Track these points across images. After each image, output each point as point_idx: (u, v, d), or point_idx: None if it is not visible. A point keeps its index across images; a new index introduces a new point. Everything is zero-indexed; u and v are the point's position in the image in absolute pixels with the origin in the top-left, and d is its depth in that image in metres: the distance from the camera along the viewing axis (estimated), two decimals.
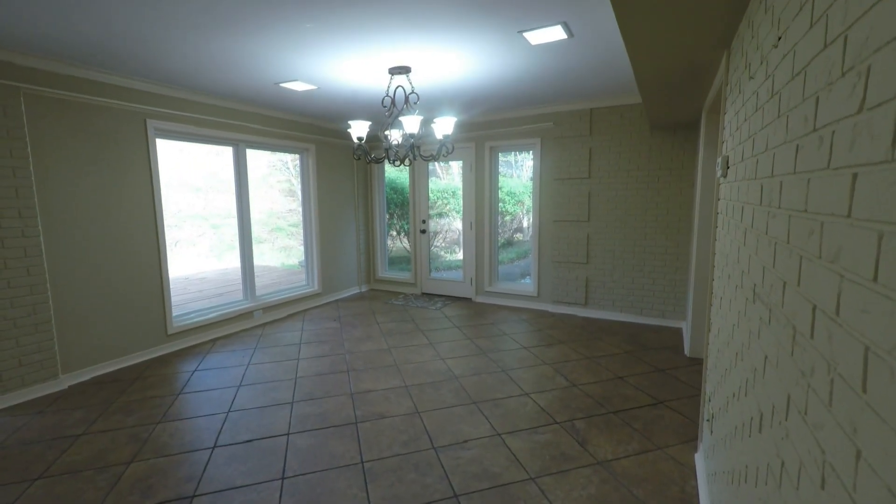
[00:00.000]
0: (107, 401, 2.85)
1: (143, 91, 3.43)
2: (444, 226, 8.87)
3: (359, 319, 4.70)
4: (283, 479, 2.07)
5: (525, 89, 3.84)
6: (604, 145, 4.42)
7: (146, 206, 3.56)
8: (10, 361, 2.79)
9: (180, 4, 2.12)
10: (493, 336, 4.10)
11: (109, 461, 2.21)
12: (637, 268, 4.39)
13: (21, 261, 2.83)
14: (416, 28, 2.43)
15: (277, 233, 10.84)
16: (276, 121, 4.64)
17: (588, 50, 2.83)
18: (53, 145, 2.98)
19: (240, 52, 2.78)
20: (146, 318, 3.59)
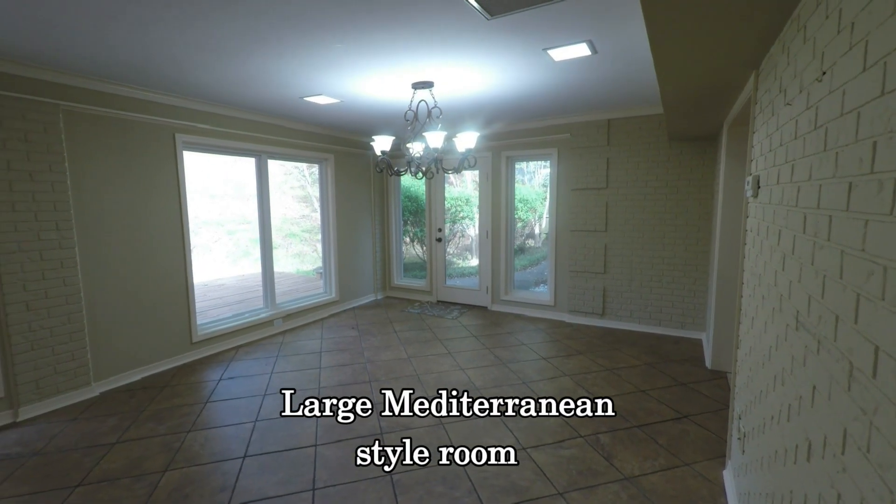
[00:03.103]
0: (138, 408, 2.93)
1: (172, 106, 3.53)
2: (458, 232, 8.92)
3: (376, 328, 4.74)
4: (314, 490, 2.11)
5: (544, 102, 3.87)
6: (621, 156, 4.43)
7: (173, 218, 3.65)
8: (46, 369, 2.88)
9: (214, 27, 2.19)
10: (512, 346, 4.12)
11: (145, 469, 2.27)
12: (655, 278, 4.38)
13: (58, 272, 2.92)
14: (440, 46, 2.48)
15: (291, 238, 10.97)
16: (298, 132, 4.73)
17: (610, 65, 2.86)
18: (88, 159, 3.08)
19: (269, 69, 2.86)
20: (172, 326, 3.67)
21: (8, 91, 2.64)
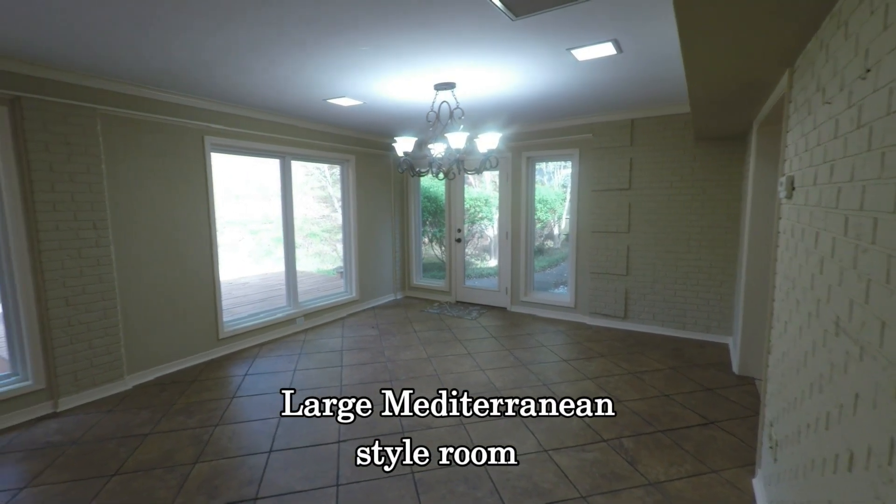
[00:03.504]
0: (168, 402, 3.03)
1: (201, 109, 3.63)
2: (476, 233, 8.92)
3: (396, 327, 4.78)
4: (338, 486, 2.14)
5: (566, 102, 3.84)
6: (645, 156, 4.35)
7: (202, 218, 3.76)
8: (83, 362, 3.01)
9: (242, 33, 2.25)
10: (532, 347, 4.10)
11: (176, 461, 2.34)
12: (680, 280, 4.29)
13: (94, 269, 3.05)
14: (464, 47, 2.49)
15: (311, 238, 11.15)
16: (320, 134, 4.81)
17: (635, 64, 2.82)
18: (123, 161, 3.20)
19: (295, 73, 2.92)
20: (200, 323, 3.79)
21: (51, 97, 2.77)
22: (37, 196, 2.74)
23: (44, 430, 2.66)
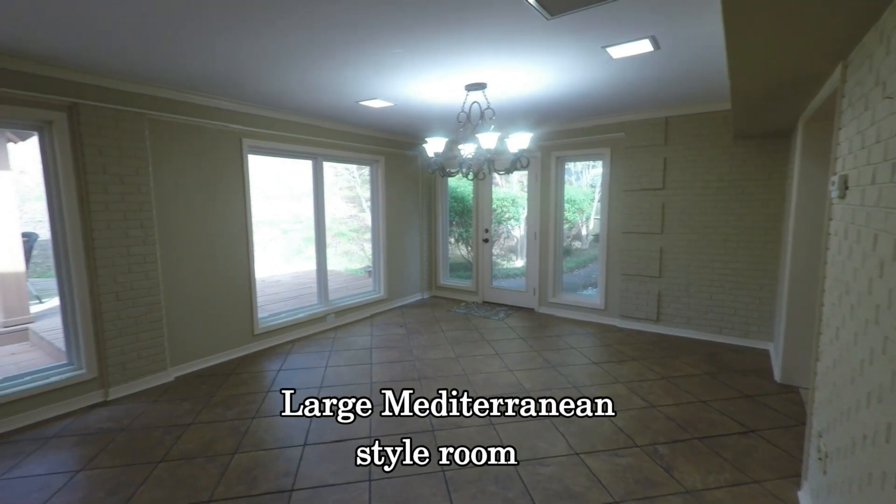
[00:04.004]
0: (208, 394, 3.15)
1: (240, 112, 3.77)
2: (503, 233, 8.87)
3: (424, 326, 4.82)
4: (371, 480, 2.18)
5: (598, 101, 3.78)
6: (680, 155, 4.23)
7: (239, 218, 3.90)
8: (131, 354, 3.17)
9: (281, 38, 2.32)
10: (561, 349, 4.05)
11: (217, 451, 2.44)
12: (716, 283, 4.15)
13: (141, 266, 3.21)
14: (496, 47, 2.49)
15: (340, 238, 11.37)
16: (351, 135, 4.90)
17: (672, 61, 2.75)
18: (167, 163, 3.36)
19: (329, 76, 2.99)
20: (237, 318, 3.93)
21: (105, 103, 2.94)
22: (91, 197, 2.92)
23: (96, 418, 2.82)
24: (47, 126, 2.79)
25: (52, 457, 2.39)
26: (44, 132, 2.80)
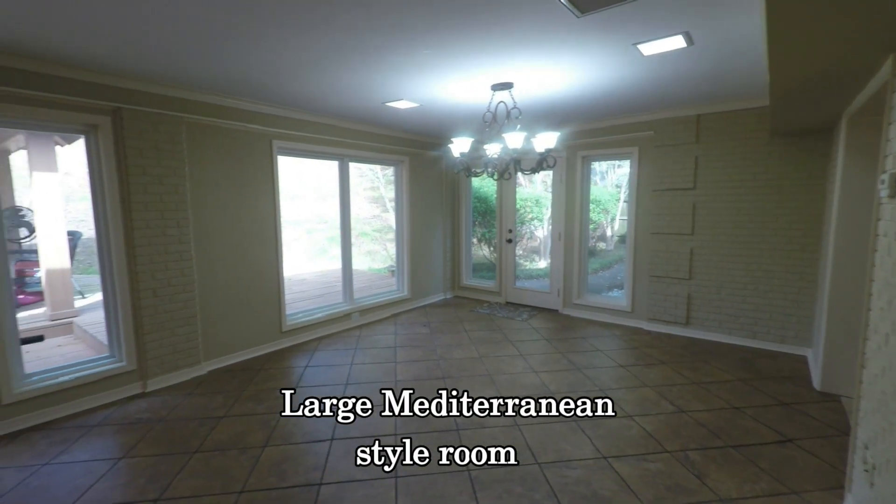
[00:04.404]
0: (239, 388, 3.25)
1: (270, 115, 3.87)
2: (525, 234, 8.81)
3: (447, 326, 4.83)
4: (397, 477, 2.21)
5: (627, 99, 3.71)
6: (712, 153, 4.10)
7: (269, 217, 4.00)
8: (167, 348, 3.30)
9: (313, 43, 2.37)
10: (586, 351, 3.99)
11: (248, 443, 2.52)
12: (750, 286, 4.00)
13: (177, 264, 3.34)
14: (524, 47, 2.48)
15: (363, 238, 11.53)
16: (376, 136, 4.96)
17: (705, 56, 2.67)
18: (202, 164, 3.48)
19: (357, 79, 3.04)
20: (266, 315, 4.03)
21: (145, 107, 3.07)
22: (132, 197, 3.05)
23: (135, 408, 2.95)
24: (93, 130, 2.93)
25: (96, 444, 2.52)
26: (90, 135, 2.95)
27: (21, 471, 2.26)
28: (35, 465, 2.31)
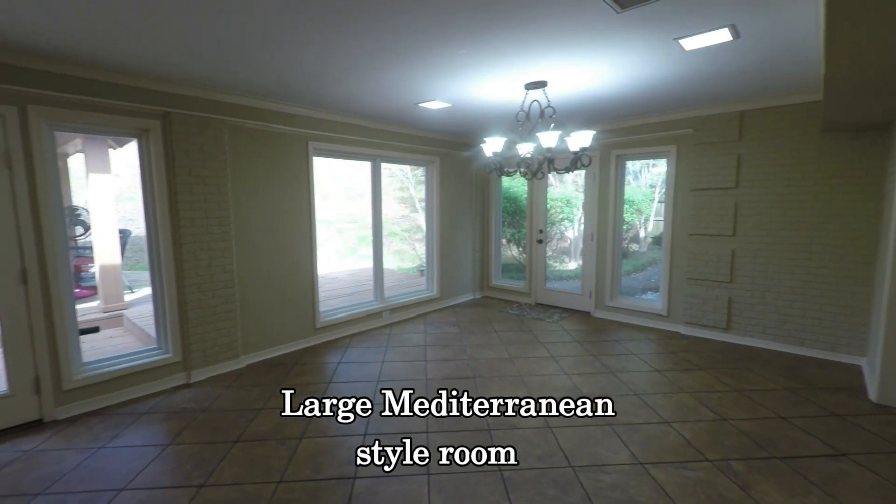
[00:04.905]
0: (276, 382, 3.36)
1: (307, 117, 3.98)
2: (555, 235, 8.68)
3: (476, 326, 4.83)
4: (429, 475, 2.22)
5: (666, 95, 3.60)
6: (757, 151, 3.92)
7: (304, 216, 4.12)
8: (209, 341, 3.45)
9: (351, 46, 2.43)
10: (619, 355, 3.90)
11: (286, 435, 2.60)
12: (798, 290, 3.80)
13: (219, 261, 3.48)
14: (560, 44, 2.45)
15: (392, 237, 11.68)
16: (408, 136, 5.01)
17: (752, 50, 2.56)
18: (242, 165, 3.62)
19: (392, 80, 3.08)
20: (301, 312, 4.15)
21: (193, 111, 3.22)
22: (179, 196, 3.21)
23: (181, 398, 3.10)
24: (145, 133, 3.10)
25: (146, 430, 2.66)
26: (142, 139, 3.12)
27: (81, 452, 2.42)
28: (93, 447, 2.47)
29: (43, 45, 2.38)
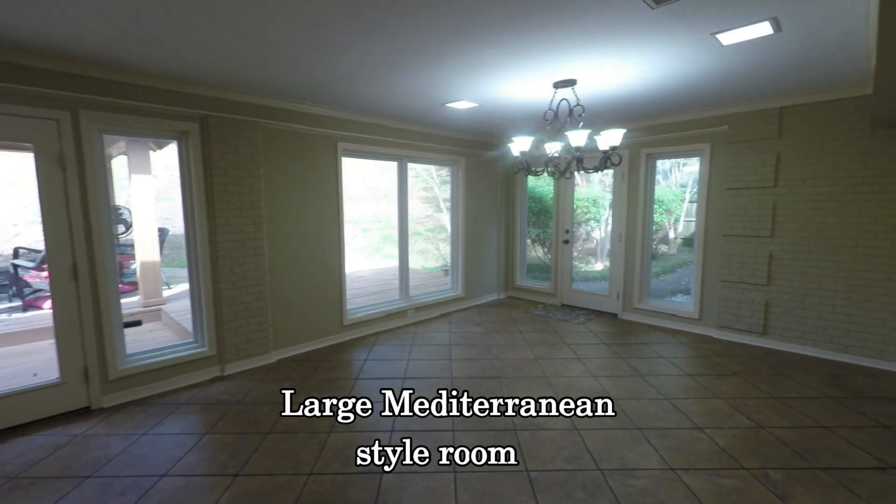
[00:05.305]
0: (305, 377, 3.45)
1: (335, 118, 4.07)
2: (581, 235, 8.54)
3: (501, 326, 4.81)
4: (455, 472, 2.24)
5: (699, 92, 3.49)
6: (798, 149, 3.76)
7: (333, 216, 4.20)
8: (242, 336, 3.57)
9: (377, 48, 2.46)
10: (648, 358, 3.81)
11: (315, 429, 2.66)
12: (842, 294, 3.62)
13: (252, 258, 3.60)
14: (591, 42, 2.41)
15: (416, 237, 11.76)
16: (434, 136, 5.04)
17: (794, 43, 2.46)
18: (274, 166, 3.73)
19: (420, 80, 3.11)
20: (329, 310, 4.24)
21: (229, 114, 3.34)
22: (216, 196, 3.34)
23: (216, 390, 3.22)
24: (184, 136, 3.24)
25: (184, 420, 2.78)
26: (181, 141, 3.26)
27: (125, 439, 2.55)
28: (135, 434, 2.60)
29: (93, 52, 2.52)
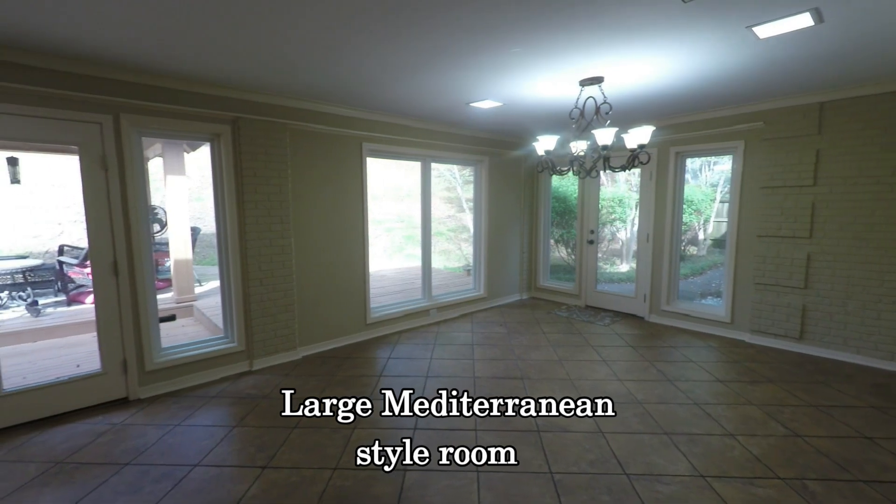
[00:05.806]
0: (330, 374, 3.51)
1: (360, 119, 4.12)
2: (606, 236, 8.38)
3: (524, 327, 4.77)
4: (479, 471, 2.23)
5: (732, 88, 3.37)
6: (839, 146, 3.58)
7: (357, 216, 4.27)
8: (269, 333, 3.67)
9: (403, 48, 2.48)
10: (677, 362, 3.70)
11: (340, 424, 2.71)
12: (886, 299, 3.43)
13: (280, 257, 3.69)
14: (619, 39, 2.37)
15: (438, 237, 11.79)
16: (457, 136, 5.05)
17: (836, 35, 2.35)
18: (300, 166, 3.81)
19: (444, 81, 3.12)
20: (353, 308, 4.30)
21: (259, 116, 3.44)
22: (245, 196, 3.44)
23: (245, 384, 3.32)
24: (217, 138, 3.35)
25: (215, 412, 2.88)
26: (214, 143, 3.37)
27: (160, 428, 2.66)
28: (170, 425, 2.71)
29: (135, 59, 2.63)
